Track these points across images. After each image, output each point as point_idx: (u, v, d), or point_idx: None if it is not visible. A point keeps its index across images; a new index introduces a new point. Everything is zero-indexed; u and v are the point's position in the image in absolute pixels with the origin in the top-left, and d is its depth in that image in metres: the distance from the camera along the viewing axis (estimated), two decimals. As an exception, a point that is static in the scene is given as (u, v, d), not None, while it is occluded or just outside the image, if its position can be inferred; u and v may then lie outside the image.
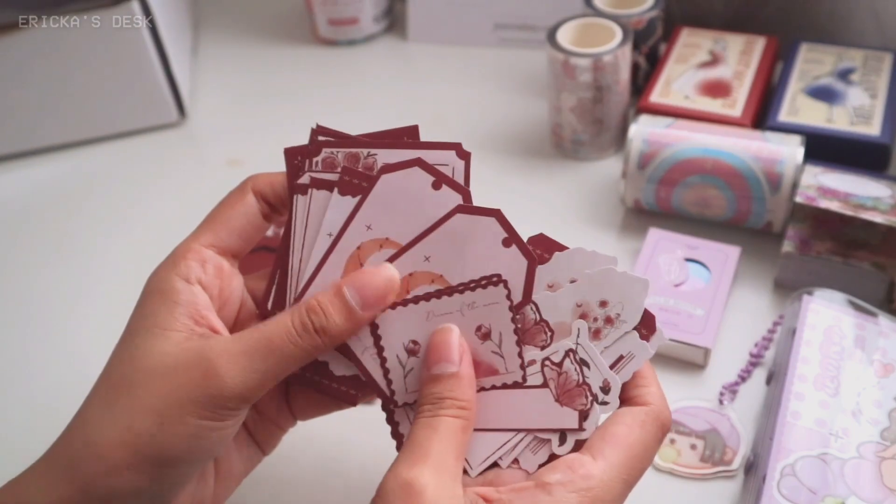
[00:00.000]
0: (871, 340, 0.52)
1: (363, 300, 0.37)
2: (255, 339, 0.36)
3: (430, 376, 0.37)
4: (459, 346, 0.38)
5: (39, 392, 0.60)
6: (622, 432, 0.36)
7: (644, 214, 0.67)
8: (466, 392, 0.37)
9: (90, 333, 0.63)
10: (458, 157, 0.40)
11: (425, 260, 0.39)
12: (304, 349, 0.36)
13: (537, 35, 0.86)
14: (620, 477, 0.35)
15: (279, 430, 0.44)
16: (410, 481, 0.33)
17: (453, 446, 0.36)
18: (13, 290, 0.68)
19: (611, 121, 0.71)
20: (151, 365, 0.36)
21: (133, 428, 0.35)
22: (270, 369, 0.36)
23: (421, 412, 0.37)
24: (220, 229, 0.40)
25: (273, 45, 0.93)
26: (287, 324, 0.36)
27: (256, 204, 0.40)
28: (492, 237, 0.38)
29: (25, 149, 0.80)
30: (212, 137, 0.82)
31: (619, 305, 0.38)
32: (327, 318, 0.37)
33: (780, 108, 0.67)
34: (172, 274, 0.38)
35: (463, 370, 0.37)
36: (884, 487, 0.46)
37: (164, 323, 0.36)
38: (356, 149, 0.40)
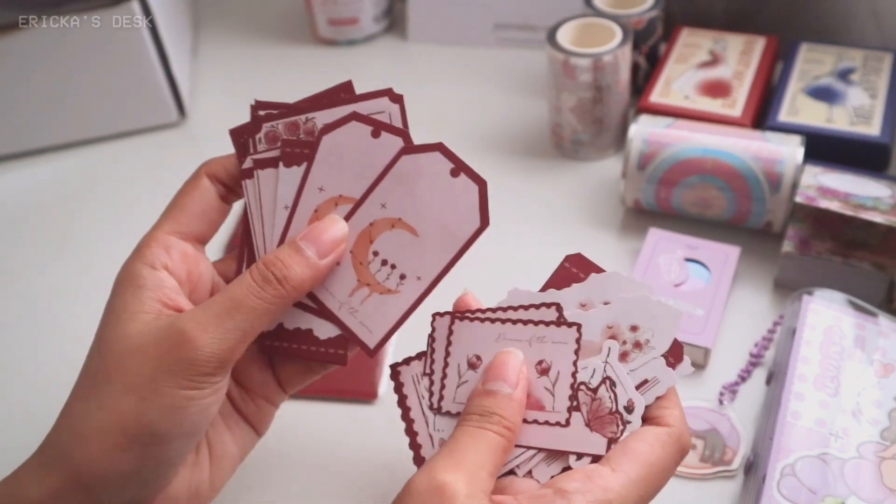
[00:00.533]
0: (871, 340, 0.52)
1: (318, 249, 0.39)
2: (219, 301, 0.37)
3: (485, 390, 0.38)
4: (520, 371, 0.38)
5: (40, 392, 0.60)
6: (643, 450, 0.36)
7: (644, 214, 0.67)
8: (515, 415, 0.37)
9: (90, 333, 0.63)
10: (392, 101, 0.41)
11: (382, 207, 0.40)
12: (268, 300, 0.37)
13: (537, 35, 0.86)
14: (637, 493, 0.35)
15: (269, 405, 0.44)
16: (444, 484, 0.33)
17: (491, 462, 0.36)
18: (13, 290, 0.68)
19: (611, 121, 0.71)
20: (124, 347, 0.36)
21: (116, 409, 0.35)
22: (240, 326, 0.36)
23: (467, 420, 0.37)
24: (180, 215, 0.41)
25: (273, 45, 0.93)
26: (248, 280, 0.37)
27: (212, 188, 0.42)
28: (439, 170, 0.39)
29: (25, 149, 0.80)
30: (212, 137, 0.82)
31: (650, 332, 0.39)
32: (286, 268, 0.38)
33: (780, 108, 0.67)
34: (138, 263, 0.39)
35: (517, 394, 0.38)
36: (884, 487, 0.46)
37: (132, 307, 0.37)
38: (294, 116, 0.41)
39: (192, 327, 0.36)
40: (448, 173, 0.39)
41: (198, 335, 0.35)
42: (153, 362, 0.35)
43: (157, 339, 0.36)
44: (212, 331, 0.36)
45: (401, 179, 0.39)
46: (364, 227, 0.40)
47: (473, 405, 0.38)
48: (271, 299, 0.37)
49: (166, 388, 0.35)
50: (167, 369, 0.35)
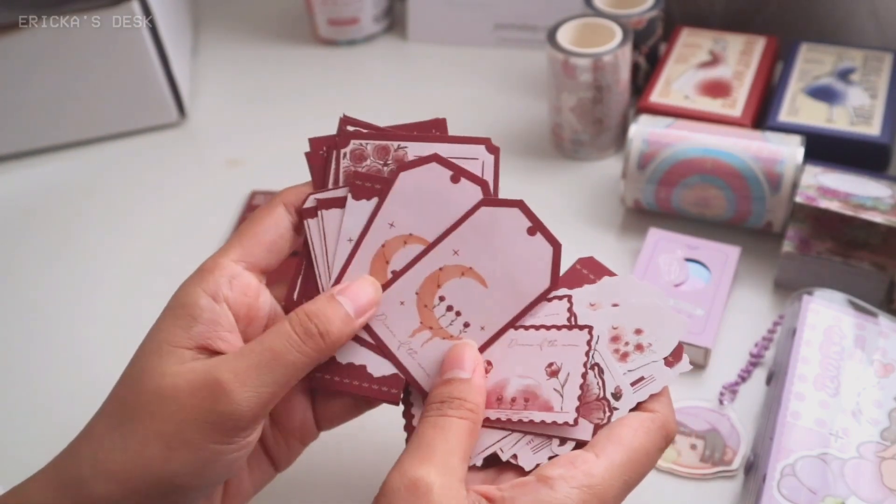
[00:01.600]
0: (871, 340, 0.52)
1: (355, 307, 0.38)
2: (258, 352, 0.36)
3: (442, 381, 0.38)
4: (474, 359, 0.38)
5: (40, 392, 0.60)
6: (627, 435, 0.36)
7: (644, 214, 0.67)
8: (476, 396, 0.37)
9: (90, 333, 0.63)
10: (488, 151, 0.41)
11: (454, 254, 0.39)
12: (308, 355, 0.36)
13: (537, 35, 0.86)
14: (622, 477, 0.35)
15: (299, 444, 0.43)
16: (416, 480, 0.33)
17: (459, 447, 0.36)
18: (13, 290, 0.68)
19: (611, 121, 0.71)
20: (159, 386, 0.35)
21: (141, 453, 0.34)
22: (278, 381, 0.36)
23: (428, 411, 0.37)
24: (251, 244, 0.39)
25: (273, 45, 0.93)
26: (288, 331, 0.36)
27: (287, 216, 0.40)
28: (517, 226, 0.39)
29: (25, 149, 0.80)
30: (212, 137, 0.82)
31: (654, 336, 0.39)
32: (329, 322, 0.37)
33: (780, 108, 0.67)
34: (198, 289, 0.37)
35: (475, 378, 0.38)
36: (884, 487, 0.46)
37: (176, 340, 0.36)
38: (386, 141, 0.40)
39: (229, 378, 0.35)
40: (525, 231, 0.39)
41: (234, 388, 0.34)
42: (186, 411, 0.34)
43: (192, 387, 0.35)
44: (249, 384, 0.35)
45: (477, 230, 0.39)
46: (433, 270, 0.39)
47: (432, 395, 0.38)
48: (311, 353, 0.36)
49: (198, 441, 0.34)
50: (200, 421, 0.34)
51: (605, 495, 0.35)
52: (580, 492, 0.34)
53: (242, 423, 0.35)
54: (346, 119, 0.41)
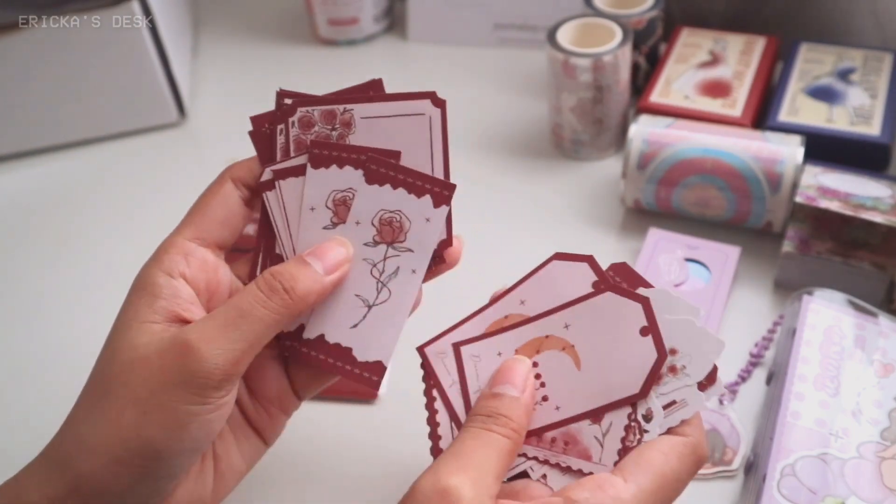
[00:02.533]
0: (871, 340, 0.52)
1: (324, 265, 0.38)
2: (224, 312, 0.36)
3: (491, 393, 0.38)
4: (527, 378, 0.38)
5: (41, 392, 0.60)
6: (658, 460, 0.36)
7: (644, 214, 0.67)
8: (522, 417, 0.37)
9: (91, 333, 0.63)
10: (434, 105, 0.41)
11: (564, 327, 0.39)
12: (275, 310, 0.36)
13: (537, 35, 0.86)
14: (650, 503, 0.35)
15: (282, 413, 0.43)
16: (449, 488, 0.33)
17: (497, 465, 0.35)
18: (13, 290, 0.68)
19: (611, 121, 0.71)
20: (130, 358, 0.36)
21: (117, 422, 0.35)
22: (245, 337, 0.36)
23: (473, 421, 0.37)
24: (202, 221, 0.40)
25: (273, 45, 0.93)
26: (254, 290, 0.37)
27: (236, 191, 0.41)
28: (633, 322, 0.38)
29: (25, 149, 0.80)
30: (212, 137, 0.82)
31: (688, 358, 0.37)
32: (293, 279, 0.37)
33: (780, 108, 0.67)
34: (155, 269, 0.38)
35: (525, 398, 0.37)
36: (884, 487, 0.46)
37: (143, 316, 0.37)
38: (331, 105, 0.40)
39: (196, 338, 0.35)
40: (638, 330, 0.38)
41: (202, 346, 0.35)
42: (156, 374, 0.35)
43: (161, 351, 0.35)
44: (217, 341, 0.35)
45: (594, 312, 0.38)
46: (540, 335, 0.39)
47: (479, 407, 0.37)
48: (277, 309, 0.37)
49: (168, 402, 0.34)
50: (170, 382, 0.35)
51: None
52: None
53: (213, 380, 0.35)
54: (282, 92, 0.41)
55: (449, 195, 0.39)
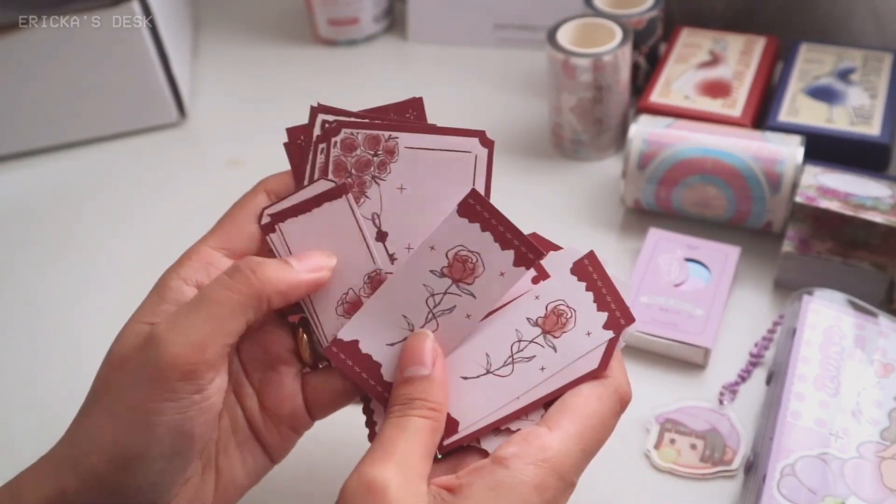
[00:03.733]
0: (871, 340, 0.52)
1: (301, 262, 0.38)
2: (190, 301, 0.36)
3: (403, 378, 0.37)
4: (433, 350, 0.38)
5: (41, 392, 0.60)
6: (579, 403, 0.36)
7: (644, 214, 0.67)
8: (437, 394, 0.37)
9: (91, 333, 0.63)
10: (482, 145, 0.40)
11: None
12: (237, 290, 0.36)
13: (537, 35, 0.86)
14: (578, 447, 0.35)
15: (292, 432, 0.42)
16: (372, 479, 0.33)
17: (420, 446, 0.35)
18: (13, 290, 0.68)
19: (611, 121, 0.71)
20: (114, 360, 0.36)
21: (98, 430, 0.35)
22: (207, 320, 0.35)
23: (391, 412, 0.37)
24: (231, 232, 0.39)
25: (273, 45, 0.93)
26: (221, 276, 0.36)
27: (268, 203, 0.40)
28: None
29: (25, 149, 0.80)
30: (212, 137, 0.82)
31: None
32: (262, 263, 0.37)
33: (780, 108, 0.67)
34: (173, 274, 0.38)
35: (435, 373, 0.37)
36: (884, 487, 0.46)
37: (142, 317, 0.37)
38: (376, 130, 0.40)
39: (159, 330, 0.34)
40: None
41: (164, 336, 0.34)
42: (128, 375, 0.34)
43: (134, 348, 0.35)
44: (177, 328, 0.34)
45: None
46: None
47: (395, 396, 0.37)
48: (239, 289, 0.35)
49: (136, 401, 0.34)
50: (137, 379, 0.34)
51: (563, 467, 0.35)
52: (536, 467, 0.34)
53: (177, 370, 0.34)
54: (319, 108, 0.41)
55: (533, 260, 0.37)
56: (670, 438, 0.52)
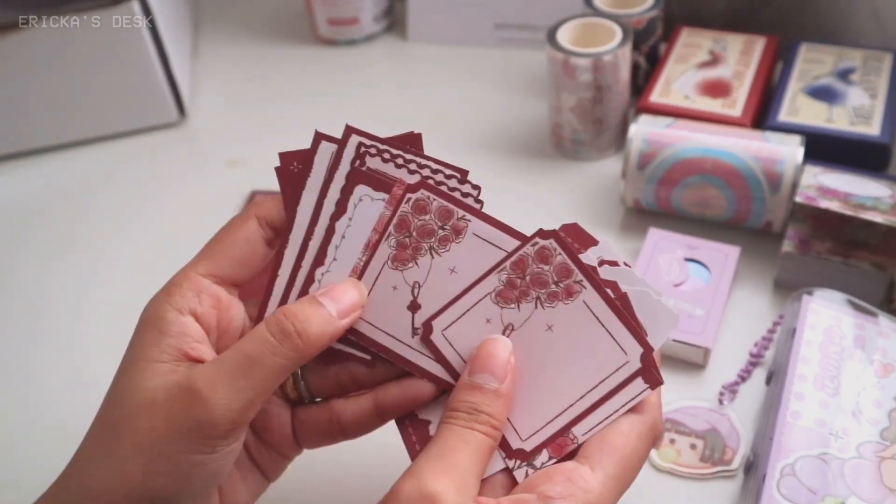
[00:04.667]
0: (871, 340, 0.52)
1: (338, 308, 0.37)
2: (234, 358, 0.35)
3: (470, 384, 0.37)
4: (507, 363, 0.37)
5: (42, 393, 0.60)
6: (619, 442, 0.36)
7: (644, 214, 0.67)
8: (503, 413, 0.36)
9: (91, 334, 0.63)
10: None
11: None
12: (286, 356, 0.35)
13: (537, 35, 0.86)
14: (616, 488, 0.35)
15: (283, 458, 0.42)
16: (434, 494, 0.32)
17: (479, 466, 0.35)
18: (13, 290, 0.68)
19: (611, 121, 0.71)
20: (136, 401, 0.34)
21: (122, 470, 0.34)
22: (255, 385, 0.34)
23: (454, 418, 0.36)
24: (220, 258, 0.38)
25: (273, 45, 0.93)
26: (264, 334, 0.35)
27: (259, 231, 0.39)
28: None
29: (25, 149, 0.80)
30: (212, 137, 0.82)
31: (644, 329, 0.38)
32: (306, 321, 0.36)
33: (780, 107, 0.67)
34: (165, 304, 0.36)
35: (505, 389, 0.37)
36: (883, 487, 0.46)
37: (150, 355, 0.35)
38: (453, 206, 0.39)
39: (203, 386, 0.34)
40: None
41: (210, 395, 0.34)
42: (162, 423, 0.34)
43: (168, 398, 0.34)
44: (224, 390, 0.34)
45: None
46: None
47: (459, 401, 0.36)
48: (288, 355, 0.35)
49: (174, 452, 0.33)
50: (176, 430, 0.34)
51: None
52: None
53: (220, 430, 0.34)
54: (353, 130, 0.39)
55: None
56: (670, 438, 0.52)
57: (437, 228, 0.39)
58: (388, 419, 0.40)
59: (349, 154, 0.39)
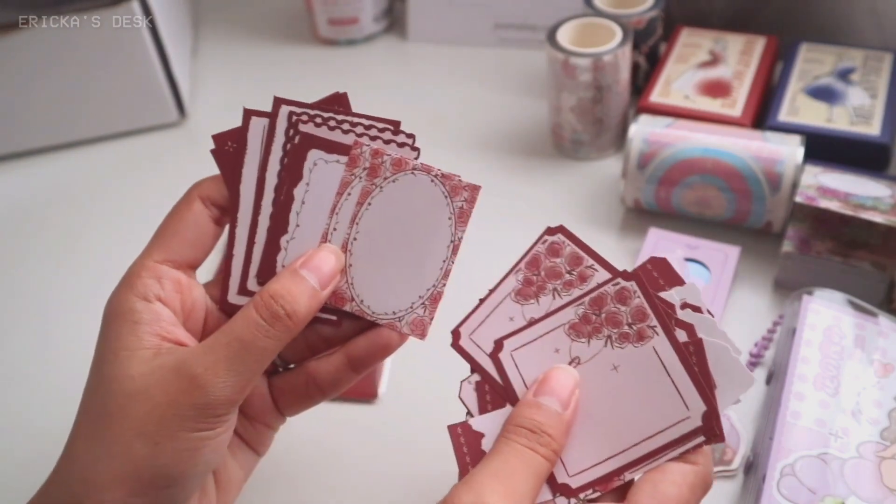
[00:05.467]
0: (871, 340, 0.52)
1: (320, 279, 0.38)
2: (226, 343, 0.35)
3: (536, 402, 0.36)
4: (573, 393, 0.37)
5: (43, 393, 0.60)
6: (672, 492, 0.35)
7: (644, 214, 0.67)
8: (563, 438, 0.36)
9: (91, 332, 0.63)
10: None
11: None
12: (277, 338, 0.36)
13: (537, 35, 0.86)
14: None
15: (268, 429, 0.43)
16: None
17: (535, 492, 0.34)
18: (12, 290, 0.68)
19: (611, 121, 0.71)
20: (128, 389, 0.35)
21: (128, 455, 0.34)
22: (250, 367, 0.35)
23: (516, 434, 0.35)
24: (172, 243, 0.39)
25: (273, 45, 0.93)
26: (255, 318, 0.36)
27: (205, 211, 0.39)
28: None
29: (25, 149, 0.80)
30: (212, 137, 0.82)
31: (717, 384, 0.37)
32: (295, 301, 0.36)
33: (780, 107, 0.67)
34: (130, 295, 0.37)
35: (568, 416, 0.36)
36: (883, 487, 0.46)
37: (130, 344, 0.36)
38: (584, 253, 0.39)
39: (201, 372, 0.35)
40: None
41: (209, 380, 0.35)
42: (163, 407, 0.34)
43: (163, 382, 0.35)
44: (223, 375, 0.35)
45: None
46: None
47: (522, 418, 0.36)
48: (279, 336, 0.36)
49: (180, 431, 0.34)
50: (179, 414, 0.34)
51: None
52: None
53: (220, 410, 0.35)
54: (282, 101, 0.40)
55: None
56: (670, 438, 0.52)
57: (565, 272, 0.39)
58: (363, 371, 0.41)
59: (282, 124, 0.40)
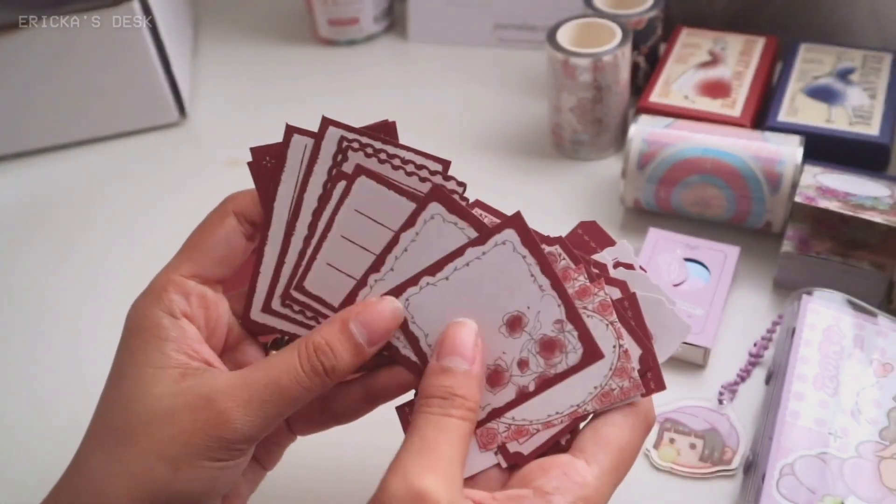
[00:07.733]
0: (871, 340, 0.53)
1: (370, 337, 0.37)
2: (262, 384, 0.35)
3: (441, 368, 0.36)
4: (475, 345, 0.37)
5: (43, 394, 0.60)
6: (614, 435, 0.36)
7: (644, 214, 0.67)
8: (476, 393, 0.36)
9: (91, 333, 0.63)
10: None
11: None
12: (311, 391, 0.36)
13: (537, 35, 0.86)
14: (611, 481, 0.35)
15: (278, 447, 0.43)
16: (424, 492, 0.32)
17: (461, 453, 0.35)
18: (12, 291, 0.68)
19: (611, 121, 0.71)
20: (151, 408, 0.35)
21: (147, 475, 0.34)
22: (281, 412, 0.35)
23: (429, 405, 0.35)
24: (202, 258, 0.38)
25: (273, 45, 0.93)
26: (295, 366, 0.35)
27: (238, 227, 0.39)
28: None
29: (25, 149, 0.81)
30: (212, 137, 0.82)
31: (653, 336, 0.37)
32: (336, 358, 0.36)
33: (780, 108, 0.67)
34: (156, 310, 0.36)
35: (475, 370, 0.36)
36: (882, 487, 0.46)
37: (156, 361, 0.35)
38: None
39: (231, 407, 0.34)
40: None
41: (238, 417, 0.34)
42: (188, 434, 0.34)
43: (190, 408, 0.34)
44: (252, 415, 0.35)
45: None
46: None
47: (431, 387, 0.36)
48: (315, 389, 0.36)
49: (200, 460, 0.34)
50: (202, 443, 0.34)
51: (599, 501, 0.35)
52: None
53: (242, 445, 0.35)
54: (331, 122, 0.39)
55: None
56: (669, 438, 0.52)
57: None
58: (379, 404, 0.41)
59: (329, 147, 0.39)
